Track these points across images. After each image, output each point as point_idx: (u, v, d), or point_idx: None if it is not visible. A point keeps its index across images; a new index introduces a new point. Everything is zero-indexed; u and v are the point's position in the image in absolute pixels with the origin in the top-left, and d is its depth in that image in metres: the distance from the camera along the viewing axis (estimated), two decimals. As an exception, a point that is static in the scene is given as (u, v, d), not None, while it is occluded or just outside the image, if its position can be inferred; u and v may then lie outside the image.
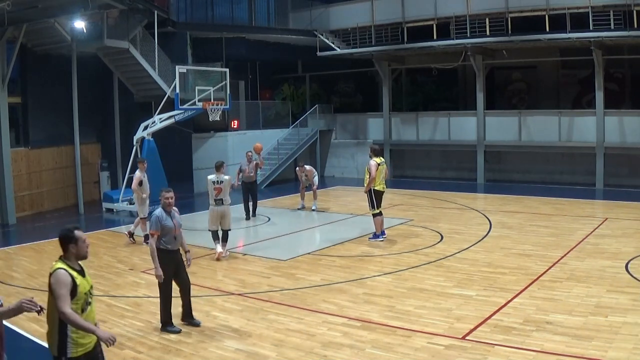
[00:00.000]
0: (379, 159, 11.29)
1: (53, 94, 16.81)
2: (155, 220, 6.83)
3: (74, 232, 4.21)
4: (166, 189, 7.07)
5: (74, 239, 4.18)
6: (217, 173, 10.76)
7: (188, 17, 20.49)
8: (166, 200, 6.92)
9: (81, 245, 4.20)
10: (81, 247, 4.20)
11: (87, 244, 4.26)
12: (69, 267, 4.13)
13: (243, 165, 14.55)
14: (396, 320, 6.96)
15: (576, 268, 8.93)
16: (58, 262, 4.18)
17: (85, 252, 4.25)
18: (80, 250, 4.20)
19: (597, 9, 16.53)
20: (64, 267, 4.11)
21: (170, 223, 6.83)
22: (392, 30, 20.46)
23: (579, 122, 18.51)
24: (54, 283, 4.05)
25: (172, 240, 6.84)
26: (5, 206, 14.66)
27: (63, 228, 4.28)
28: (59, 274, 4.06)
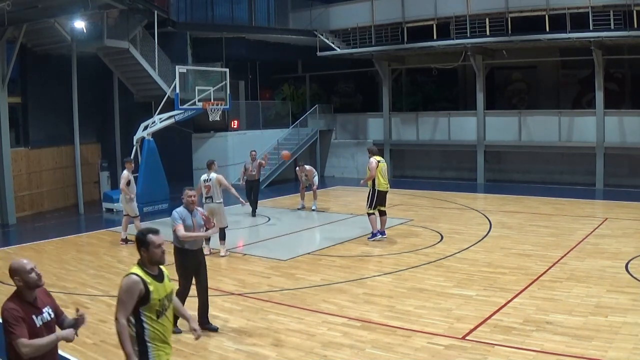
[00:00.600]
0: (378, 157, 11.36)
1: (53, 94, 16.81)
2: (175, 214, 6.81)
3: (147, 236, 4.07)
4: (189, 188, 7.07)
5: (145, 243, 4.04)
6: (208, 171, 11.15)
7: (188, 17, 20.50)
8: (189, 198, 6.88)
9: (153, 251, 4.04)
10: (153, 252, 4.05)
11: (162, 250, 4.10)
12: (144, 272, 3.97)
13: (247, 164, 14.84)
14: (396, 320, 6.96)
15: (576, 268, 8.93)
16: (134, 267, 4.03)
17: (158, 258, 4.08)
18: (152, 255, 4.05)
19: (597, 9, 16.53)
20: (137, 273, 3.94)
21: (190, 222, 6.77)
22: (392, 30, 20.46)
23: (579, 122, 18.51)
24: (122, 287, 3.89)
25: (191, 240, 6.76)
26: (5, 206, 14.65)
27: (139, 230, 4.20)
28: (129, 280, 3.90)
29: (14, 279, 3.68)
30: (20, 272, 3.69)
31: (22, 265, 3.71)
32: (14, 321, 3.52)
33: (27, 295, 3.70)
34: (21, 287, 3.70)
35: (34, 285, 3.74)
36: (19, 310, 3.57)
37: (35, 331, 3.60)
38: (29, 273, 3.70)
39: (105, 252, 11.25)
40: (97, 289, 8.69)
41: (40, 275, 3.77)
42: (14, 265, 3.73)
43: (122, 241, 11.79)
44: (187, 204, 6.90)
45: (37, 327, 3.63)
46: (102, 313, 7.57)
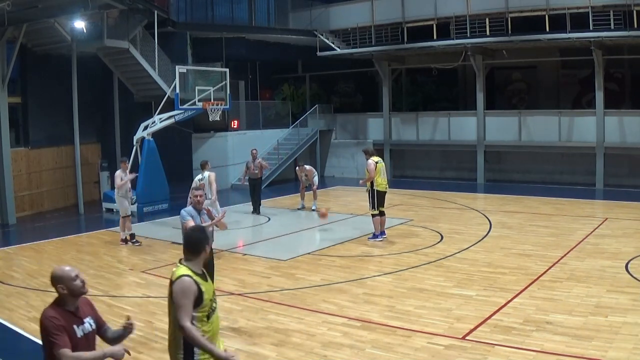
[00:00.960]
0: (376, 157, 11.36)
1: (53, 94, 16.80)
2: (183, 212, 6.78)
3: (206, 234, 3.98)
4: (196, 188, 7.06)
5: (206, 241, 3.92)
6: (202, 171, 11.63)
7: (188, 17, 20.49)
8: (195, 198, 6.85)
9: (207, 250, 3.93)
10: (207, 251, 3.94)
11: (211, 249, 4.06)
12: (193, 272, 3.79)
13: (249, 162, 15.13)
14: (396, 320, 6.96)
15: (576, 268, 8.93)
16: (180, 268, 3.82)
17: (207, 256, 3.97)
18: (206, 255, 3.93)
19: (597, 9, 16.53)
20: (188, 274, 3.75)
21: (198, 221, 6.72)
22: (392, 30, 20.46)
23: (579, 122, 18.51)
24: (177, 292, 3.69)
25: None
26: (5, 206, 14.65)
27: (193, 227, 4.08)
28: (184, 282, 3.70)
29: (57, 287, 3.51)
30: (64, 280, 3.52)
31: (67, 272, 3.55)
32: (56, 331, 3.38)
33: (69, 304, 3.55)
34: (65, 295, 3.52)
35: (78, 293, 3.57)
36: (60, 319, 3.43)
37: (76, 342, 3.46)
38: (73, 280, 3.54)
39: (105, 252, 11.25)
40: (97, 289, 8.68)
41: (85, 282, 3.62)
42: (58, 272, 3.57)
43: (121, 241, 11.79)
44: (195, 204, 6.86)
45: (77, 337, 3.50)
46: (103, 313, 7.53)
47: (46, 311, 3.48)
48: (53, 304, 3.54)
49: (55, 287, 3.53)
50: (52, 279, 3.55)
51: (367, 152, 11.62)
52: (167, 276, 9.62)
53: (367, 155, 11.44)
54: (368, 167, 11.17)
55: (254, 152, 15.33)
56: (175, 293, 3.69)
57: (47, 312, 3.46)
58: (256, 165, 14.99)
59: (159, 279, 9.15)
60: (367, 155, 11.45)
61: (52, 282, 3.55)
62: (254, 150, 15.43)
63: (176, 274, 3.77)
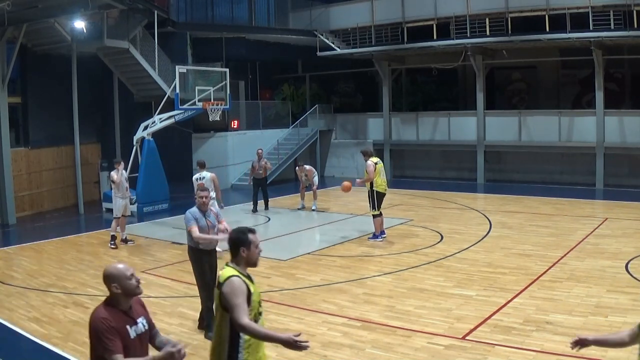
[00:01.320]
0: (375, 158, 11.36)
1: (53, 94, 16.80)
2: (188, 214, 6.65)
3: (248, 235, 3.79)
4: (202, 189, 6.91)
5: (247, 242, 3.76)
6: (200, 170, 11.55)
7: (188, 17, 20.50)
8: (200, 199, 6.71)
9: (253, 251, 3.78)
10: (253, 252, 3.78)
11: (259, 250, 3.84)
12: (241, 273, 3.70)
13: (254, 162, 15.35)
14: (396, 320, 6.96)
15: (576, 268, 8.93)
16: (228, 269, 3.73)
17: (256, 259, 3.82)
18: (251, 256, 3.77)
19: (597, 9, 16.53)
20: (237, 274, 3.66)
21: (204, 222, 6.63)
22: (392, 30, 20.46)
23: (579, 122, 18.51)
24: (228, 292, 3.56)
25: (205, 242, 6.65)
26: (5, 206, 14.65)
27: (236, 229, 3.90)
28: (234, 282, 3.60)
29: (111, 286, 3.34)
30: (119, 278, 3.34)
31: (122, 271, 3.37)
32: (109, 334, 3.20)
33: (122, 304, 3.37)
34: (118, 294, 3.34)
35: (133, 293, 3.40)
36: (112, 320, 3.24)
37: (129, 343, 3.29)
38: (129, 279, 3.36)
39: (105, 252, 11.25)
40: (97, 289, 8.68)
41: (140, 281, 3.45)
42: (112, 270, 3.39)
43: (122, 241, 11.79)
44: (199, 205, 6.72)
45: (130, 338, 3.31)
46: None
47: (97, 312, 3.30)
48: (104, 303, 3.37)
49: (108, 286, 3.36)
50: (105, 277, 3.38)
51: (366, 153, 11.59)
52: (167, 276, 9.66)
53: (365, 157, 11.42)
54: (368, 169, 11.16)
55: (260, 151, 15.58)
56: (226, 294, 3.56)
57: (98, 313, 3.29)
58: (261, 165, 15.20)
59: (159, 279, 9.15)
60: (366, 156, 11.42)
61: (105, 281, 3.38)
62: (260, 150, 15.68)
63: (223, 276, 3.67)
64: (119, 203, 11.82)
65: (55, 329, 6.98)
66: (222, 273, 3.70)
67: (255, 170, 15.24)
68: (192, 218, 6.61)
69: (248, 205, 15.63)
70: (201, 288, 6.68)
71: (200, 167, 11.93)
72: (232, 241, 3.80)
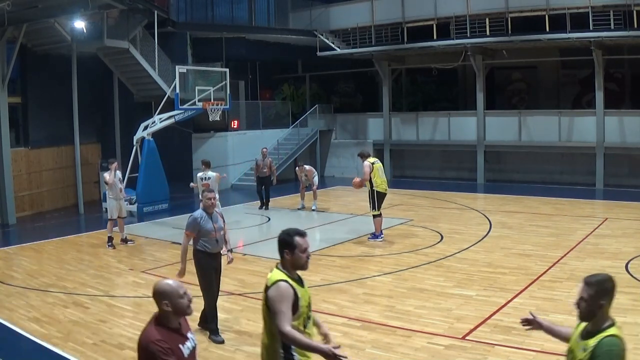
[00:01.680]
0: (372, 158, 11.36)
1: (53, 94, 16.80)
2: (192, 221, 6.54)
3: (293, 238, 3.70)
4: (209, 190, 6.84)
5: (291, 245, 3.67)
6: (205, 169, 11.38)
7: (188, 17, 20.50)
8: (208, 201, 6.59)
9: (298, 255, 3.65)
10: (298, 256, 3.65)
11: (307, 254, 3.70)
12: (288, 277, 3.61)
13: (258, 161, 15.73)
14: (396, 320, 6.96)
15: (576, 268, 8.93)
16: (275, 272, 3.64)
17: (303, 263, 3.68)
18: (296, 259, 3.65)
19: (597, 9, 16.53)
20: (284, 279, 3.57)
21: (210, 225, 6.53)
22: (392, 30, 20.46)
23: (579, 122, 18.51)
24: (274, 297, 3.51)
25: (212, 242, 6.56)
26: (5, 206, 14.65)
27: (284, 230, 3.81)
28: (281, 288, 3.52)
29: (162, 303, 3.16)
30: (172, 296, 3.16)
31: (175, 289, 3.18)
32: (166, 356, 3.03)
33: (172, 322, 3.20)
34: (168, 312, 3.16)
35: (183, 312, 3.23)
36: (166, 342, 3.08)
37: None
38: (181, 297, 3.18)
39: (105, 252, 11.25)
40: (97, 289, 8.69)
41: (192, 300, 3.27)
42: (164, 287, 3.21)
43: (121, 241, 11.79)
44: (207, 207, 6.60)
45: (185, 357, 3.18)
46: (102, 313, 7.58)
47: (149, 333, 3.12)
48: (154, 322, 3.18)
49: (158, 303, 3.18)
50: (156, 294, 3.20)
51: (363, 155, 11.58)
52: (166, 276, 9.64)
53: (362, 158, 11.41)
54: (364, 169, 11.16)
55: (265, 150, 15.93)
56: (272, 299, 3.52)
57: (150, 335, 3.10)
58: (265, 164, 15.53)
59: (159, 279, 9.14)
60: (363, 158, 11.42)
61: (156, 297, 3.20)
62: (265, 149, 16.01)
63: (271, 279, 3.59)
64: (112, 204, 11.79)
65: (55, 329, 6.98)
66: (270, 276, 3.62)
67: (260, 168, 15.57)
68: (192, 223, 6.51)
69: (248, 206, 15.60)
70: (204, 290, 6.64)
71: (205, 166, 11.89)
72: (278, 242, 3.72)
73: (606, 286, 3.05)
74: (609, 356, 2.91)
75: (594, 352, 2.94)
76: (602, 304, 3.02)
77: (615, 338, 2.96)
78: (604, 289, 3.04)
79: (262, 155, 15.74)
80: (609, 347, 2.93)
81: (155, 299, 3.21)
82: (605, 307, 3.03)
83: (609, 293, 3.05)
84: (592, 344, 2.98)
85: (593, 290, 3.03)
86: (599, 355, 2.91)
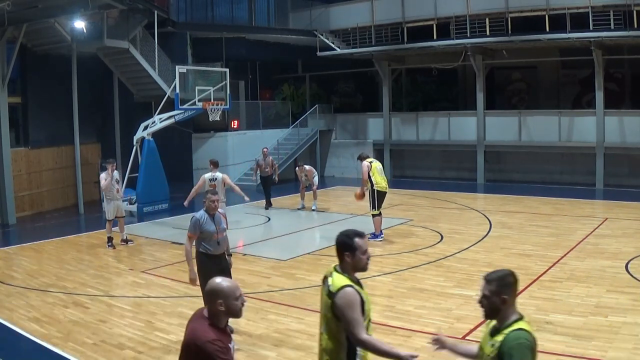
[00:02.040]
0: (370, 158, 11.37)
1: (53, 94, 16.80)
2: (194, 222, 6.50)
3: (354, 240, 3.58)
4: (212, 191, 6.80)
5: (351, 247, 3.56)
6: (213, 170, 11.30)
7: (188, 17, 20.50)
8: (211, 203, 6.55)
9: (359, 257, 3.56)
10: (359, 258, 3.56)
11: (367, 256, 3.59)
12: (351, 280, 3.52)
13: (260, 161, 15.85)
14: (396, 320, 6.96)
15: (576, 268, 8.93)
16: (337, 276, 3.55)
17: (363, 265, 3.59)
18: (357, 261, 3.57)
19: (597, 9, 16.53)
20: (349, 284, 3.47)
21: (212, 227, 6.49)
22: (392, 30, 20.46)
23: (579, 122, 18.51)
24: (343, 305, 3.39)
25: (214, 244, 6.51)
26: (5, 206, 14.65)
27: (342, 232, 3.69)
28: (349, 294, 3.41)
29: (216, 303, 3.09)
30: (227, 297, 3.10)
31: (232, 290, 3.12)
32: (223, 355, 2.99)
33: (222, 322, 3.14)
34: (220, 312, 3.11)
35: (236, 315, 3.16)
36: (221, 341, 3.03)
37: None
38: (236, 299, 3.13)
39: (105, 252, 11.25)
40: (97, 289, 8.69)
41: (244, 303, 3.21)
42: (222, 287, 3.13)
43: (122, 242, 11.78)
44: (210, 209, 6.55)
45: (232, 357, 3.12)
46: (102, 313, 7.58)
47: (205, 333, 3.04)
48: (206, 322, 3.10)
49: (212, 302, 3.11)
50: (211, 293, 3.13)
51: (361, 157, 11.61)
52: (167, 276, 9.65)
53: (361, 160, 11.44)
54: (362, 170, 11.17)
55: (265, 150, 16.07)
56: (341, 307, 3.39)
57: (207, 335, 3.02)
58: (267, 164, 15.66)
59: (159, 279, 9.16)
60: (361, 159, 11.45)
61: (211, 296, 3.12)
62: (265, 149, 16.15)
63: (336, 284, 3.49)
64: (109, 205, 11.72)
65: (55, 329, 6.98)
66: (333, 281, 3.53)
67: (262, 168, 15.73)
68: (194, 225, 6.48)
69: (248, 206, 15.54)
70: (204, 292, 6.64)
71: (213, 166, 11.71)
72: (337, 244, 3.63)
73: (507, 281, 3.05)
74: (519, 349, 2.88)
75: (501, 348, 2.92)
76: (505, 298, 3.01)
77: (522, 331, 2.95)
78: (505, 283, 3.04)
79: (263, 155, 15.85)
80: (516, 340, 2.91)
81: (209, 297, 3.14)
82: (508, 301, 3.02)
83: (510, 287, 3.05)
84: (499, 339, 2.96)
85: (494, 286, 3.03)
86: (510, 349, 2.89)
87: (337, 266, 3.61)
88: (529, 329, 2.98)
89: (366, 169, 11.07)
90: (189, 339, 3.09)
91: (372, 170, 11.09)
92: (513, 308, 3.04)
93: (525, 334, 2.94)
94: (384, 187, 11.28)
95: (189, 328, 3.17)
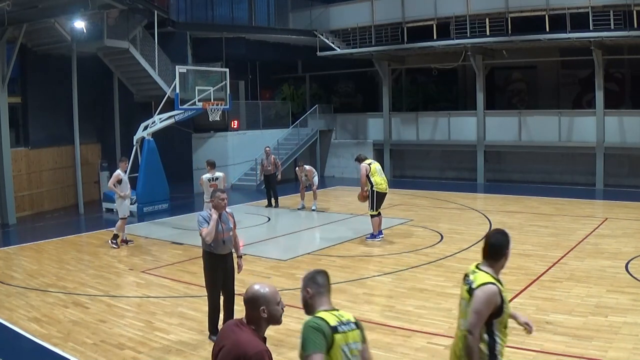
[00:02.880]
0: (368, 160, 11.37)
1: (53, 94, 16.81)
2: (201, 219, 6.48)
3: (509, 238, 3.63)
4: (221, 190, 6.77)
5: (508, 246, 3.62)
6: (211, 170, 11.33)
7: (188, 17, 20.51)
8: (220, 201, 6.49)
9: (508, 256, 3.65)
10: (506, 259, 3.66)
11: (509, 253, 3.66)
12: (496, 279, 3.55)
13: (263, 160, 16.18)
14: (396, 320, 6.96)
15: (576, 268, 8.93)
16: (482, 274, 3.58)
17: (503, 265, 3.67)
18: (504, 262, 3.65)
19: (597, 9, 16.53)
20: (493, 282, 3.52)
21: (219, 227, 6.44)
22: (392, 30, 20.46)
23: (579, 122, 18.51)
24: (481, 298, 3.46)
25: (219, 244, 6.43)
26: (5, 206, 14.65)
27: (497, 231, 3.70)
28: (490, 291, 3.48)
29: (258, 310, 2.96)
30: (270, 303, 2.98)
31: (274, 295, 3.00)
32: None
33: (262, 330, 3.00)
34: (262, 320, 2.97)
35: (277, 321, 3.04)
36: (269, 352, 2.87)
37: None
38: (277, 305, 3.01)
39: (105, 252, 11.24)
40: (97, 289, 8.69)
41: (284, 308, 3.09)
42: (265, 292, 3.00)
43: (122, 242, 11.78)
44: (218, 207, 6.48)
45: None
46: (102, 313, 7.58)
47: (255, 343, 2.88)
48: (250, 332, 2.95)
49: (254, 309, 2.98)
50: (253, 299, 2.98)
51: (359, 158, 11.60)
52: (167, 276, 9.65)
53: (359, 162, 11.44)
54: (360, 172, 11.17)
55: (267, 149, 16.29)
56: (479, 299, 3.47)
57: (258, 345, 2.87)
58: (269, 162, 15.87)
59: (158, 279, 9.16)
60: (359, 161, 11.44)
61: (253, 303, 2.98)
62: (267, 148, 16.39)
63: (478, 280, 3.54)
64: (125, 203, 11.79)
65: (55, 329, 6.99)
66: (476, 277, 3.57)
67: (265, 167, 15.96)
68: (203, 221, 6.43)
69: (248, 206, 15.63)
70: (208, 290, 6.62)
71: (210, 167, 11.82)
72: (497, 244, 3.63)
73: (307, 276, 3.25)
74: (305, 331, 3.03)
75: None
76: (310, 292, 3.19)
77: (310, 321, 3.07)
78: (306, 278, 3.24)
79: (266, 154, 16.04)
80: (305, 326, 3.05)
81: (252, 304, 2.98)
82: (314, 296, 3.20)
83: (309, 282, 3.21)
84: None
85: (302, 284, 3.24)
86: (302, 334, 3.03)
87: (480, 264, 3.66)
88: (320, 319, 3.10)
89: (364, 171, 11.05)
90: (238, 352, 2.85)
91: (371, 172, 11.07)
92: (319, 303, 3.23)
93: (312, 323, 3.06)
94: (384, 188, 11.26)
95: (230, 341, 2.94)
